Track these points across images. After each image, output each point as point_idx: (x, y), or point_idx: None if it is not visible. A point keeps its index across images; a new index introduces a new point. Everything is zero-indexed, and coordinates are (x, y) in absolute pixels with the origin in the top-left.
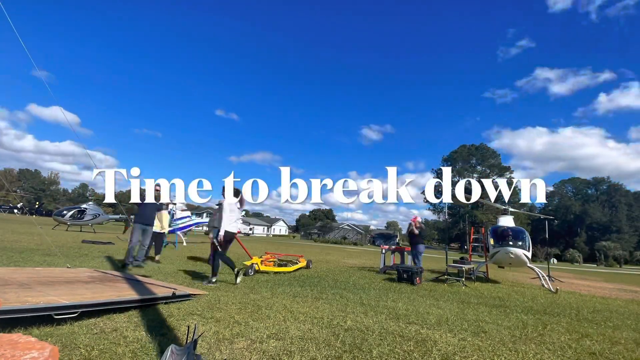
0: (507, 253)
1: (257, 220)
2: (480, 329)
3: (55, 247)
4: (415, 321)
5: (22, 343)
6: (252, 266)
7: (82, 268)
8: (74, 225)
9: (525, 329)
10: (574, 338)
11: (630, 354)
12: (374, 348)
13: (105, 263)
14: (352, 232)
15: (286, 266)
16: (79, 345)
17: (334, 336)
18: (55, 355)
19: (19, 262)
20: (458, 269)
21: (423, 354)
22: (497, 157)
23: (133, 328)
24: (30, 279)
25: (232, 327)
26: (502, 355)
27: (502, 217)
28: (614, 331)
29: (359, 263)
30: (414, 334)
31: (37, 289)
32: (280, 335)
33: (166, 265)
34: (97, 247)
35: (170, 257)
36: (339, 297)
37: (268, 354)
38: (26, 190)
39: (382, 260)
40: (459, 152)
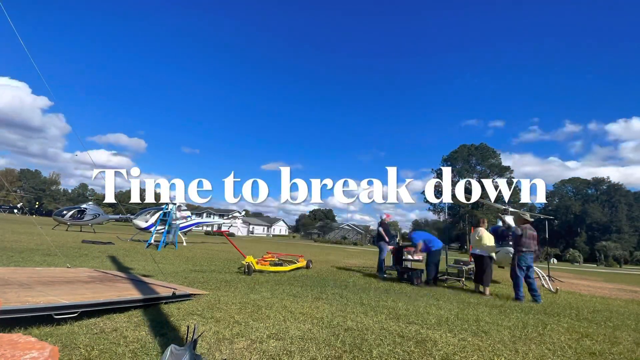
0: (507, 253)
1: (257, 220)
2: (480, 329)
3: (55, 247)
4: (415, 321)
5: (22, 343)
6: (249, 265)
7: (82, 268)
8: (74, 225)
9: (525, 329)
10: (574, 338)
11: (630, 354)
12: (374, 348)
13: (105, 263)
14: (352, 232)
15: (282, 266)
16: (79, 345)
17: (334, 336)
18: (55, 355)
19: (19, 262)
20: (458, 269)
21: (423, 354)
22: (497, 157)
23: (133, 328)
24: (30, 279)
25: (232, 327)
26: (502, 355)
27: (502, 217)
28: (614, 331)
29: (359, 263)
30: (414, 334)
31: (37, 289)
32: (280, 335)
33: (166, 265)
34: (97, 247)
35: (170, 257)
36: (339, 297)
37: (268, 354)
38: (26, 190)
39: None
40: (459, 152)
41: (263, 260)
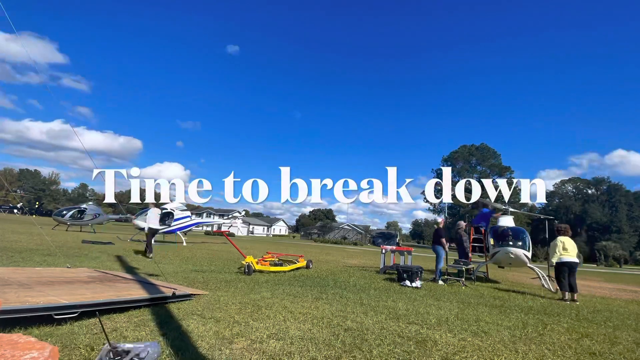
0: (507, 253)
1: (257, 220)
2: (480, 329)
3: (55, 247)
4: (415, 321)
5: (22, 343)
6: (249, 265)
7: (82, 268)
8: (74, 225)
9: (525, 329)
10: (574, 338)
11: (630, 354)
12: (374, 348)
13: (105, 263)
14: (352, 232)
15: (282, 266)
16: (79, 345)
17: (334, 336)
18: (55, 355)
19: (19, 262)
20: (458, 269)
21: (423, 354)
22: (497, 157)
23: (133, 328)
24: (30, 279)
25: (232, 327)
26: (502, 355)
27: (502, 217)
28: (614, 331)
29: (359, 263)
30: (414, 334)
31: (37, 289)
32: (280, 335)
33: (166, 265)
34: (97, 247)
35: (170, 257)
36: (339, 297)
37: (268, 354)
38: (26, 190)
39: (382, 260)
40: (459, 152)
41: (263, 261)
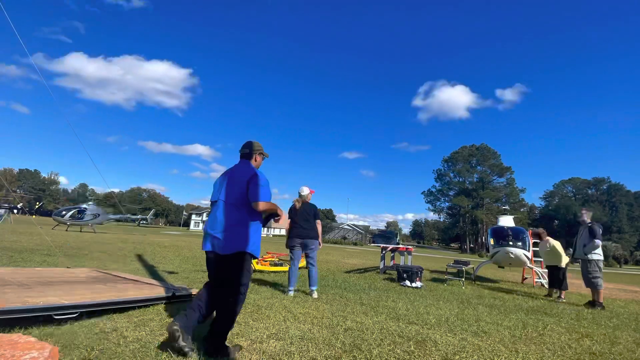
0: (507, 253)
1: None
2: (480, 329)
3: (55, 247)
4: (415, 321)
5: (22, 343)
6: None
7: (82, 268)
8: (73, 225)
9: (525, 329)
10: (574, 338)
11: (630, 354)
12: (373, 348)
13: (105, 263)
14: (352, 232)
15: (282, 266)
16: (79, 345)
17: (334, 336)
18: (55, 355)
19: (19, 262)
20: (458, 269)
21: (423, 354)
22: (497, 157)
23: (133, 328)
24: (30, 279)
25: None
26: (502, 355)
27: (502, 217)
28: (614, 331)
29: (359, 263)
30: (414, 334)
31: (37, 289)
32: (280, 335)
33: (166, 265)
34: (97, 247)
35: (170, 257)
36: (339, 297)
37: (268, 354)
38: (26, 190)
39: (382, 260)
40: (459, 152)
41: (263, 260)
